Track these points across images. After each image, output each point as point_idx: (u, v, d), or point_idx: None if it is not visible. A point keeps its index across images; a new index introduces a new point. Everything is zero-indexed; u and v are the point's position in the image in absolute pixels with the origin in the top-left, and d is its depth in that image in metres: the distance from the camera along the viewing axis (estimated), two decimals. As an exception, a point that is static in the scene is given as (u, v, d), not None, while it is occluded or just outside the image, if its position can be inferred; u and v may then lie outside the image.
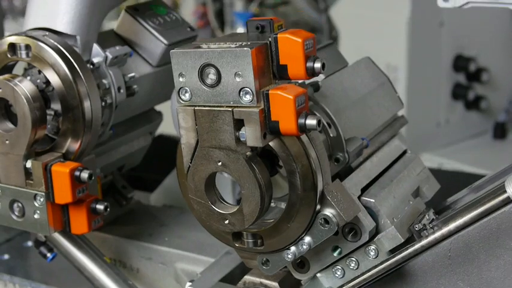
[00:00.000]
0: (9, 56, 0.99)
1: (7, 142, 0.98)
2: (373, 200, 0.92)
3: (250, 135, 0.80)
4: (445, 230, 0.83)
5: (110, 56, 1.03)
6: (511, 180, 0.78)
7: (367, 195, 0.92)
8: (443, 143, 2.68)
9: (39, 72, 1.00)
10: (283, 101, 0.79)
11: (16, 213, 1.02)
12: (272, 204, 0.92)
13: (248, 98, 0.80)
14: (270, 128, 0.80)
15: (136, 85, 1.09)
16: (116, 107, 1.06)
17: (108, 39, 1.12)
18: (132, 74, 1.08)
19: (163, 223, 1.21)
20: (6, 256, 1.35)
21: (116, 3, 1.10)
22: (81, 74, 0.98)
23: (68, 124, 0.99)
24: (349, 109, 1.01)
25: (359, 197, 0.92)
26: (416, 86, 2.50)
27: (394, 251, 0.92)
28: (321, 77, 1.04)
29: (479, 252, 0.89)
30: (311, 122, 0.79)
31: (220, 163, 0.83)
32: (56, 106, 1.01)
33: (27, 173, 0.99)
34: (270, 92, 0.79)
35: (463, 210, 0.89)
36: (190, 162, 0.85)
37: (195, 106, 0.83)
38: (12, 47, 0.99)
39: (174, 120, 1.05)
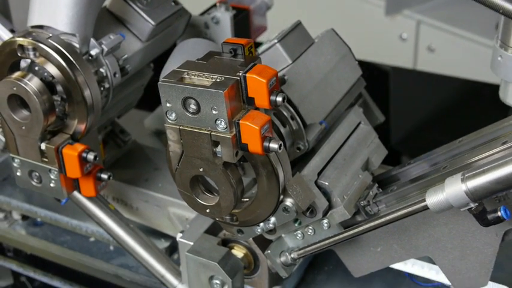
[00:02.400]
0: (19, 54, 1.15)
1: (23, 128, 1.17)
2: (327, 183, 1.12)
3: (225, 153, 1.00)
4: (377, 221, 1.05)
5: (105, 49, 1.19)
6: (430, 193, 0.98)
7: (322, 178, 1.13)
8: (423, -1, 2.81)
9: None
10: (251, 130, 0.98)
11: (35, 180, 1.23)
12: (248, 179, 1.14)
13: (223, 125, 0.98)
14: (241, 147, 1.00)
15: (129, 64, 1.25)
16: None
17: (102, 18, 1.26)
18: (125, 56, 1.24)
19: (157, 167, 1.42)
20: (23, 182, 1.57)
21: (107, -4, 1.23)
22: (80, 69, 1.14)
23: (73, 110, 1.17)
24: (312, 93, 1.19)
25: (316, 181, 1.13)
26: None
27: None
28: (288, 61, 1.21)
29: (410, 226, 1.12)
30: (274, 145, 0.98)
31: (201, 169, 1.04)
32: (62, 92, 1.18)
33: (42, 152, 1.19)
34: (240, 122, 0.98)
35: (395, 202, 1.12)
36: (178, 165, 1.06)
37: (180, 126, 1.01)
38: (21, 47, 1.15)
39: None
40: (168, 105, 1.00)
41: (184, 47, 1.23)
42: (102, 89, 1.20)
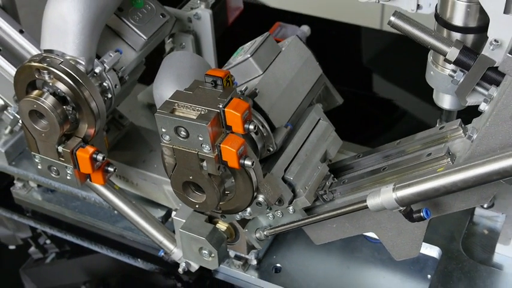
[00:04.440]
0: (36, 76, 1.39)
1: (43, 135, 1.43)
2: (292, 178, 1.39)
3: (209, 167, 1.27)
4: (332, 213, 1.34)
5: (107, 67, 1.43)
6: (369, 197, 1.26)
7: (288, 173, 1.39)
8: None
9: (57, 84, 1.40)
10: (230, 152, 1.24)
11: (53, 173, 1.50)
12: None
13: (207, 148, 1.24)
14: (221, 163, 1.26)
15: (126, 74, 1.50)
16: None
17: (102, 33, 1.49)
18: (123, 68, 1.48)
19: (152, 148, 1.68)
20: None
21: (106, 19, 1.45)
22: (86, 87, 1.38)
23: (83, 118, 1.42)
24: (279, 99, 1.44)
25: (283, 176, 1.40)
26: None
27: (305, 205, 1.43)
28: (259, 72, 1.46)
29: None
30: (248, 162, 1.25)
31: (191, 177, 1.31)
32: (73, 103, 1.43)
33: (59, 153, 1.45)
34: (221, 145, 1.24)
35: (349, 190, 1.39)
36: (172, 172, 1.32)
37: (173, 146, 1.27)
38: (38, 70, 1.38)
39: (157, 102, 1.47)
40: (163, 130, 1.26)
41: (172, 60, 1.47)
42: (105, 98, 1.45)
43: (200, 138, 1.23)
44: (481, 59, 1.24)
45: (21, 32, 1.62)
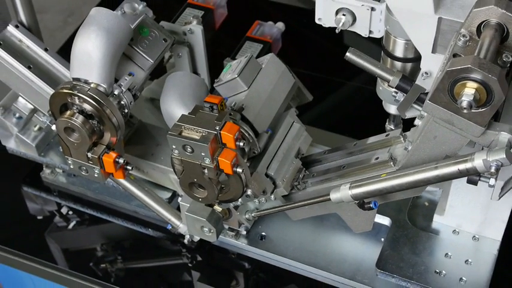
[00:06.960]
0: (68, 100, 1.76)
1: (75, 145, 1.80)
2: (273, 173, 1.79)
3: (210, 174, 1.65)
4: (305, 202, 1.74)
5: (124, 90, 1.80)
6: (332, 192, 1.66)
7: (269, 170, 1.78)
8: None
9: (85, 105, 1.77)
10: (225, 163, 1.63)
11: (83, 172, 1.88)
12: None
13: (208, 161, 1.62)
14: (219, 170, 1.66)
15: (138, 91, 1.86)
16: (128, 108, 1.86)
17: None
18: (135, 87, 1.85)
19: (158, 142, 2.06)
20: (61, 147, 2.21)
21: (122, 51, 1.80)
22: (108, 107, 1.74)
23: (106, 130, 1.80)
24: (261, 109, 1.81)
25: (266, 173, 1.80)
26: None
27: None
28: (244, 88, 1.83)
29: (324, 197, 1.81)
30: (239, 170, 1.64)
31: (195, 179, 1.70)
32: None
33: (88, 158, 1.83)
34: (218, 158, 1.63)
35: (319, 182, 1.79)
36: (180, 176, 1.71)
37: (181, 158, 1.66)
38: (70, 95, 1.75)
39: (166, 119, 1.84)
40: (173, 146, 1.64)
41: (175, 80, 1.83)
42: (123, 113, 1.82)
43: (202, 154, 1.62)
44: (415, 87, 1.63)
45: (45, 50, 1.97)
